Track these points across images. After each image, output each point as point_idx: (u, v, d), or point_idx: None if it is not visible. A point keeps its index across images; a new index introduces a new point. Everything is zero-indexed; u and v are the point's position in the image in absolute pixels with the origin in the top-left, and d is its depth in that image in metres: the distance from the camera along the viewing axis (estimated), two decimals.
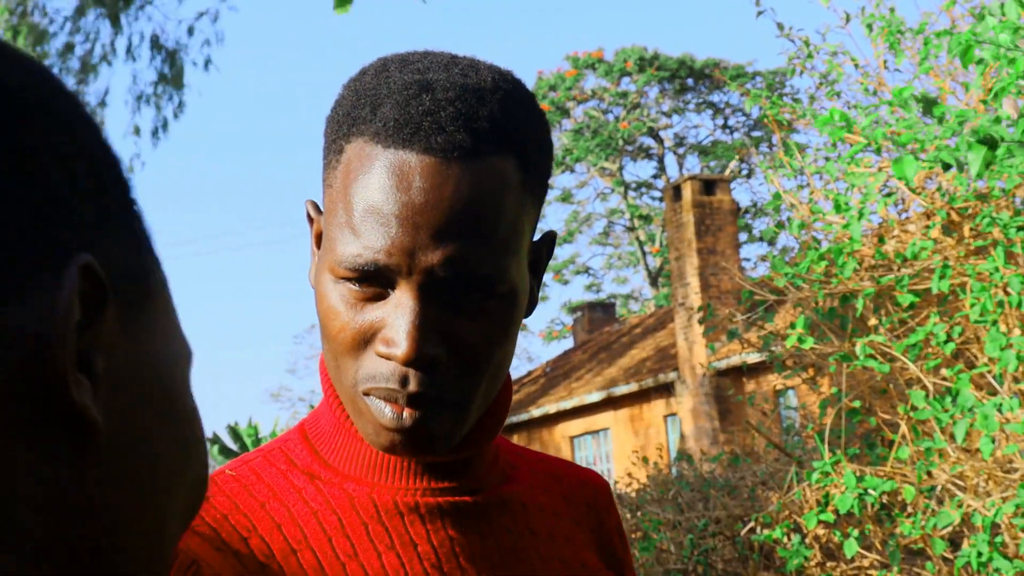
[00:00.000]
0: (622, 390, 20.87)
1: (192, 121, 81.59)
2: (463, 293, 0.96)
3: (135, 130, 18.88)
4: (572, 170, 34.45)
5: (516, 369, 44.72)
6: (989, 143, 2.90)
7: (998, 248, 4.06)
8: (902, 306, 4.48)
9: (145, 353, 0.55)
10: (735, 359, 17.50)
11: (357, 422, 1.00)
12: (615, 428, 21.68)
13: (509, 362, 1.03)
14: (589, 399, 21.71)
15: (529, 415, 23.16)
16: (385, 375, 0.96)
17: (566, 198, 35.71)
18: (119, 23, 18.31)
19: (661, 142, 34.95)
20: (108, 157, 0.55)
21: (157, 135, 18.81)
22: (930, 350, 4.49)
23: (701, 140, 35.42)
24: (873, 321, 4.75)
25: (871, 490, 4.18)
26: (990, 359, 4.24)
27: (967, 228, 4.51)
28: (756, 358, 14.72)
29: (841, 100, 5.20)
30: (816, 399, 6.46)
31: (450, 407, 0.98)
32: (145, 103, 18.70)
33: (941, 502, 4.54)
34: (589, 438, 22.57)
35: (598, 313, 29.07)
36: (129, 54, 18.56)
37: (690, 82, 34.25)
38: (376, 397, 0.97)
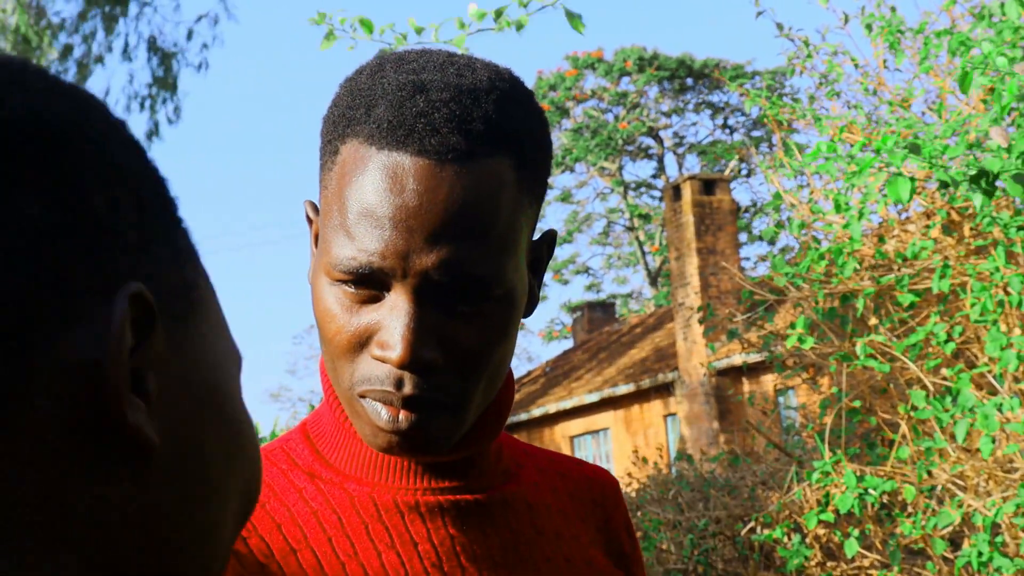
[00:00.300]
0: (622, 390, 20.87)
1: (191, 121, 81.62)
2: (459, 295, 0.95)
3: None
4: (572, 170, 34.44)
5: (516, 369, 44.71)
6: (984, 175, 2.89)
7: (998, 248, 4.05)
8: (902, 306, 4.48)
9: (194, 364, 0.56)
10: (735, 359, 17.49)
11: (355, 423, 1.00)
12: (615, 428, 21.68)
13: (508, 362, 1.02)
14: (589, 399, 21.71)
15: (529, 415, 23.16)
16: (380, 378, 0.96)
17: (566, 198, 35.70)
18: (115, 23, 18.26)
19: (661, 142, 34.94)
20: (150, 178, 0.57)
21: (151, 138, 18.77)
22: (930, 350, 4.49)
23: (701, 140, 35.42)
24: (873, 321, 4.75)
25: (871, 490, 4.18)
26: (990, 359, 4.24)
27: (967, 228, 4.51)
28: (756, 358, 14.71)
29: (841, 100, 5.20)
30: (816, 399, 6.45)
31: (447, 409, 0.97)
32: (139, 107, 18.67)
33: (941, 502, 4.54)
34: (589, 438, 22.57)
35: (598, 313, 29.07)
36: (125, 55, 18.52)
37: (689, 82, 34.25)
38: (372, 399, 0.97)
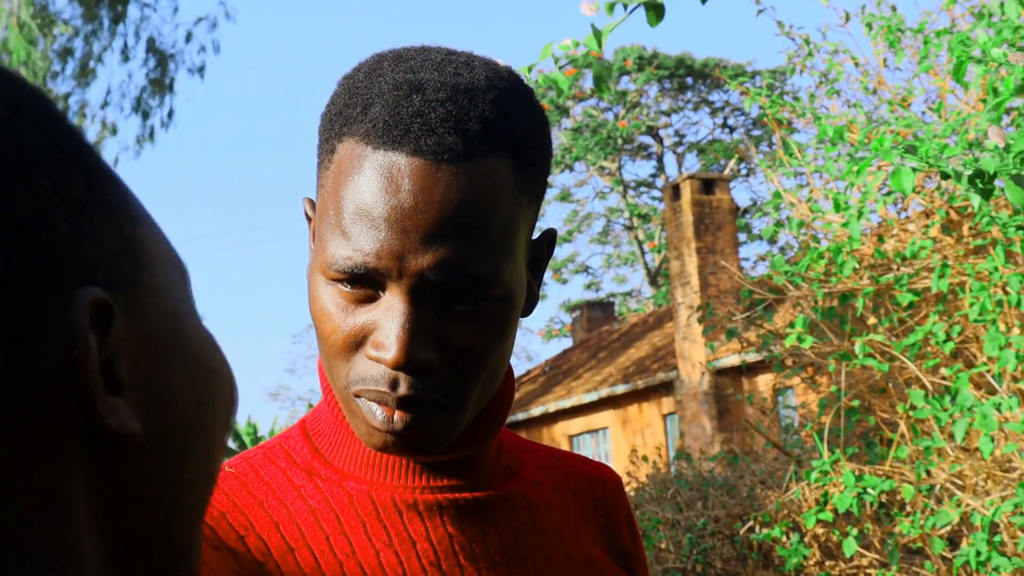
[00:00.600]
0: (621, 389, 20.87)
1: (191, 121, 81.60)
2: (455, 296, 0.95)
3: (112, 130, 18.83)
4: (571, 169, 34.44)
5: (515, 368, 44.65)
6: (981, 176, 2.89)
7: (997, 247, 4.05)
8: (901, 305, 4.48)
9: (153, 319, 0.55)
10: (734, 358, 17.50)
11: (351, 422, 0.99)
12: (614, 427, 21.68)
13: (506, 362, 1.01)
14: (588, 398, 21.70)
15: (528, 414, 23.15)
16: (376, 378, 0.95)
17: (565, 197, 35.70)
18: (118, 24, 18.26)
19: (660, 141, 34.94)
20: (66, 146, 0.54)
21: (141, 142, 18.76)
22: (929, 349, 4.49)
23: (700, 139, 35.42)
24: (872, 320, 4.75)
25: (870, 489, 4.18)
26: (989, 358, 4.24)
27: (966, 227, 4.51)
28: (755, 357, 14.71)
29: (841, 99, 5.20)
30: (815, 398, 6.46)
31: (443, 409, 0.96)
32: (134, 111, 18.66)
33: (940, 501, 4.54)
34: (588, 437, 22.57)
35: (597, 312, 29.07)
36: (124, 55, 18.51)
37: (689, 81, 34.26)
38: (367, 399, 0.96)
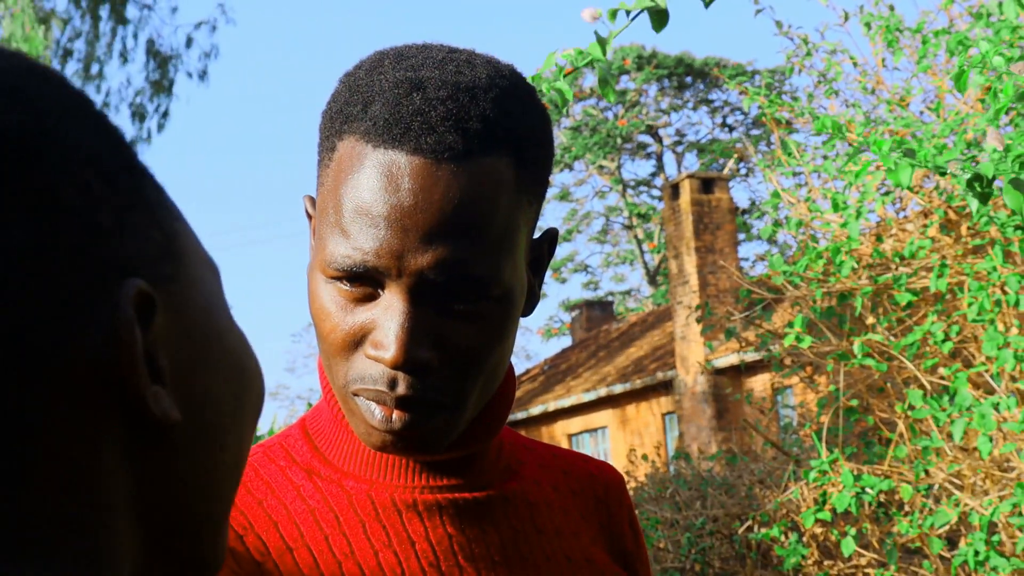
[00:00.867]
0: (620, 388, 20.87)
1: (191, 120, 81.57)
2: (455, 295, 0.94)
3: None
4: (570, 168, 34.43)
5: (515, 367, 44.57)
6: (979, 179, 2.90)
7: (996, 247, 4.06)
8: (900, 305, 4.48)
9: (191, 315, 0.57)
10: (733, 358, 17.50)
11: (350, 421, 0.99)
12: (613, 426, 21.68)
13: (506, 361, 1.01)
14: (587, 397, 21.70)
15: (527, 413, 23.15)
16: (374, 377, 0.95)
17: (564, 196, 35.69)
18: (119, 26, 18.24)
19: (660, 140, 34.93)
20: (108, 143, 0.55)
21: (136, 144, 18.77)
22: (928, 349, 4.49)
23: (700, 138, 35.41)
24: (871, 320, 4.75)
25: (868, 489, 4.18)
26: (988, 358, 4.24)
27: (965, 227, 4.51)
28: (754, 357, 14.73)
29: (839, 98, 5.20)
30: (814, 398, 6.46)
31: (442, 409, 0.96)
32: (133, 115, 18.64)
33: (938, 501, 4.55)
34: (587, 436, 22.57)
35: (596, 311, 29.06)
36: (123, 57, 18.49)
37: (688, 80, 34.24)
38: (366, 398, 0.96)
